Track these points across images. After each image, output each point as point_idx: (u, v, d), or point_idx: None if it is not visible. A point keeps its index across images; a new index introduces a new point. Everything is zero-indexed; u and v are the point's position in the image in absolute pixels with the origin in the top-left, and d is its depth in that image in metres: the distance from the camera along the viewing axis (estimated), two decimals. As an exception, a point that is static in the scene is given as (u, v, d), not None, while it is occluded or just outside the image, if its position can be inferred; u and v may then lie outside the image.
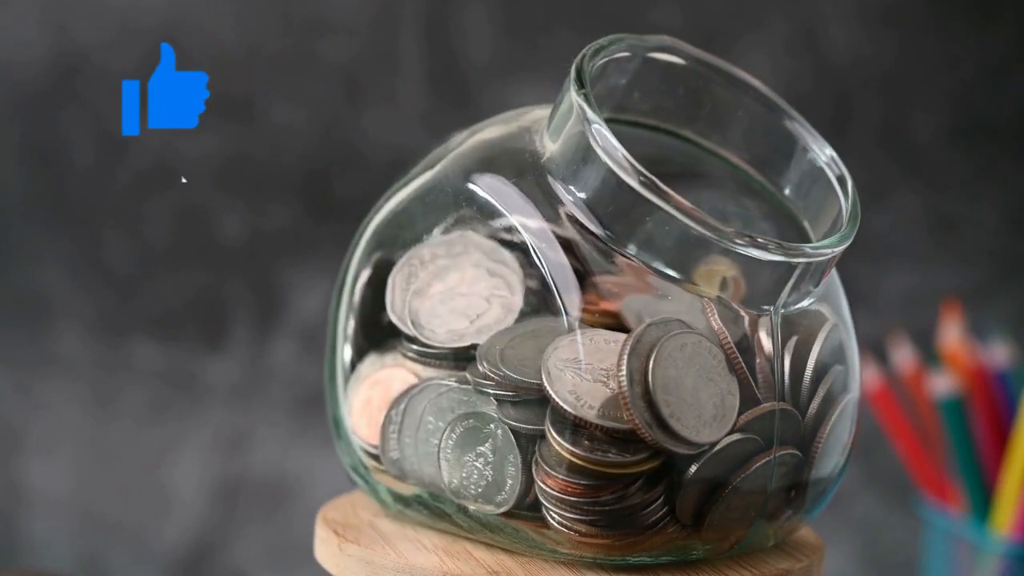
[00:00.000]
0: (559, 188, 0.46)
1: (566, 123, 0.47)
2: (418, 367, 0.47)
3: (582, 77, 0.47)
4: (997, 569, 0.72)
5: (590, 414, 0.44)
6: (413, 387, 0.47)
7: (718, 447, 0.45)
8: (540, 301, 0.46)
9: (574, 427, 0.44)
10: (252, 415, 0.93)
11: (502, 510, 0.45)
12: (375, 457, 0.48)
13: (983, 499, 0.74)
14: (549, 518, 0.45)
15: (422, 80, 0.92)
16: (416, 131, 0.91)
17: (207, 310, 0.93)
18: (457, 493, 0.46)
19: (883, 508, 0.90)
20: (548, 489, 0.44)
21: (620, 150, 0.45)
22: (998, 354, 0.76)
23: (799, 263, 0.45)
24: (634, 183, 0.44)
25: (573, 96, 0.46)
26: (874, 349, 0.81)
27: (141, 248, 0.93)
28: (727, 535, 0.46)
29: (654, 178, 0.44)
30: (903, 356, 0.78)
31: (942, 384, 0.74)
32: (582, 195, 0.46)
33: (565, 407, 0.44)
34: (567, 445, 0.44)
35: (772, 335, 0.46)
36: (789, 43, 0.90)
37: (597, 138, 0.45)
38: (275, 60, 0.92)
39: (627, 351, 0.44)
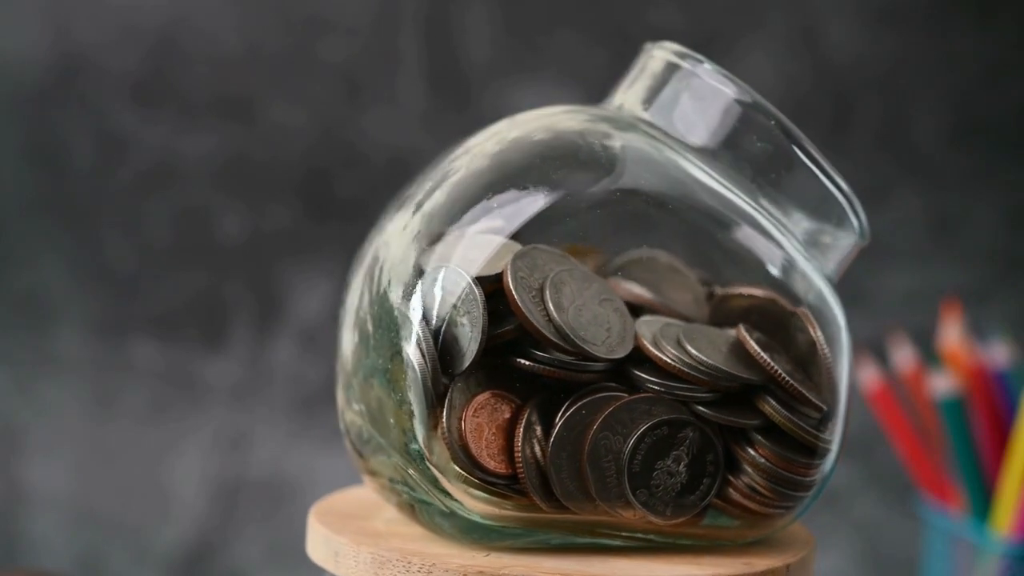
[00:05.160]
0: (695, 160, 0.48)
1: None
2: (518, 388, 0.46)
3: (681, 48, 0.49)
4: (997, 569, 0.72)
5: (819, 400, 0.47)
6: (551, 404, 0.45)
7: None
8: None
9: (813, 414, 0.47)
10: (252, 415, 0.93)
11: (694, 511, 0.46)
12: (502, 486, 0.46)
13: (983, 499, 0.74)
14: (750, 504, 0.46)
15: (422, 80, 0.92)
16: (416, 131, 0.91)
17: (207, 310, 0.93)
18: (647, 504, 0.46)
19: (883, 508, 0.90)
20: (782, 474, 0.46)
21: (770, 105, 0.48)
22: (998, 354, 0.76)
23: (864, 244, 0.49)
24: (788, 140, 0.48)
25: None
26: (874, 349, 0.81)
27: (141, 248, 0.93)
28: None
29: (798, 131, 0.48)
30: (903, 356, 0.78)
31: (942, 384, 0.74)
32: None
33: (809, 395, 0.46)
34: (812, 431, 0.46)
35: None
36: (789, 43, 0.90)
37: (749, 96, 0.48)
38: (275, 60, 0.92)
39: (826, 342, 0.47)
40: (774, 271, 0.48)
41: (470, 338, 0.45)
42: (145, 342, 0.93)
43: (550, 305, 0.45)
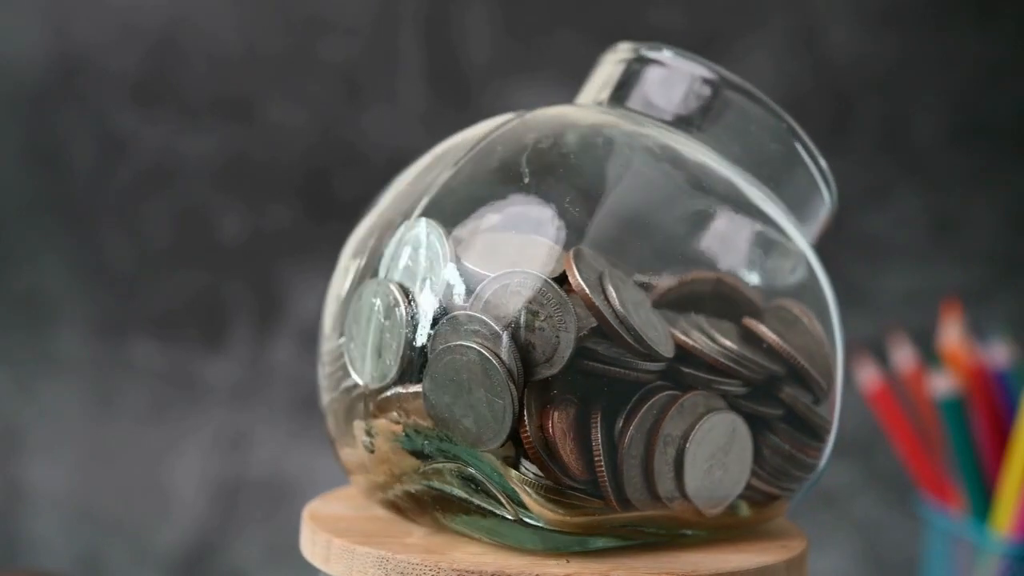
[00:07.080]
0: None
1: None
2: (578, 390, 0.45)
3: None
4: (997, 569, 0.72)
5: (824, 383, 0.48)
6: (615, 405, 0.45)
7: None
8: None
9: (817, 398, 0.48)
10: (252, 415, 0.93)
11: (727, 504, 0.47)
12: (580, 491, 0.45)
13: (983, 499, 0.74)
14: (770, 490, 0.47)
15: (422, 80, 0.92)
16: (416, 131, 0.91)
17: (207, 310, 0.93)
18: (708, 497, 0.46)
19: (883, 508, 0.90)
20: (799, 458, 0.47)
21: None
22: (998, 354, 0.76)
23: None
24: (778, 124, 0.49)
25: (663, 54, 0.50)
26: (874, 349, 0.81)
27: (141, 248, 0.93)
28: None
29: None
30: (903, 356, 0.78)
31: (942, 384, 0.74)
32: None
33: (820, 380, 0.48)
34: (821, 414, 0.48)
35: None
36: (789, 43, 0.90)
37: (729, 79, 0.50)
38: (275, 60, 0.92)
39: (816, 318, 0.48)
40: (769, 248, 0.48)
41: (556, 342, 0.44)
42: (145, 342, 0.93)
43: (618, 307, 0.44)
